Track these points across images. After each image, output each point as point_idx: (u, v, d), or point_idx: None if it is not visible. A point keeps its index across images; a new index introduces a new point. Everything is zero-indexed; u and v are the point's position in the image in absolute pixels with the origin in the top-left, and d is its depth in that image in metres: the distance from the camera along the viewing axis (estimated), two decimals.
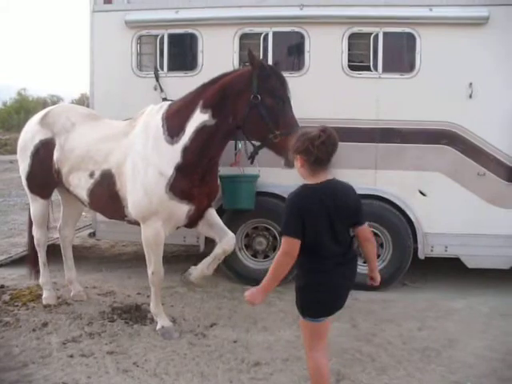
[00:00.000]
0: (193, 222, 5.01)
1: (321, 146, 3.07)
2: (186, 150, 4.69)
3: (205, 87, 4.74)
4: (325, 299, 3.27)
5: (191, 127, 4.68)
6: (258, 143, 4.69)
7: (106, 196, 5.06)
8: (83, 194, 5.23)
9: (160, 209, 4.73)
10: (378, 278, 3.50)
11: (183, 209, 4.77)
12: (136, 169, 4.79)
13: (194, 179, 4.75)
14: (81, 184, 5.21)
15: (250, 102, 4.45)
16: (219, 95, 4.61)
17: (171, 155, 4.71)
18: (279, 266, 3.17)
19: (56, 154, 5.35)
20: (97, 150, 5.11)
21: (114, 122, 5.43)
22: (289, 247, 3.11)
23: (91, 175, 5.11)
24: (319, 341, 3.33)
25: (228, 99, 4.58)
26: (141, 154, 4.79)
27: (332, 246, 3.19)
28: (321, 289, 3.25)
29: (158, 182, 4.69)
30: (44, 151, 5.42)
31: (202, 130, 4.65)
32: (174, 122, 4.77)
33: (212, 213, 5.13)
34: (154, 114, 4.92)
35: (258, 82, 4.45)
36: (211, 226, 5.10)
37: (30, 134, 5.55)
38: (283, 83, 4.54)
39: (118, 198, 4.96)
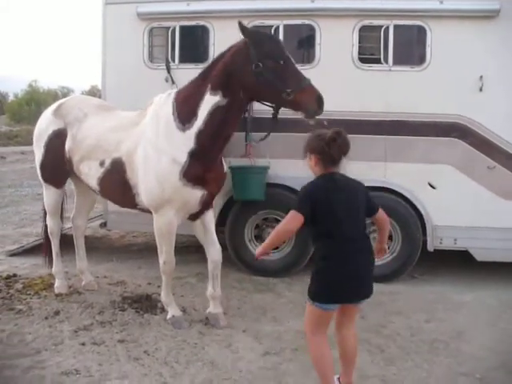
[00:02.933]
0: (199, 212, 5.01)
1: (336, 149, 3.32)
2: (200, 134, 4.68)
3: (208, 70, 4.76)
4: (333, 285, 3.33)
5: (204, 110, 4.66)
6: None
7: (116, 184, 5.10)
8: (93, 182, 5.29)
9: (173, 196, 4.73)
10: (386, 249, 3.71)
11: (197, 194, 4.77)
12: (147, 157, 4.80)
13: (206, 163, 4.75)
14: (91, 173, 5.26)
15: (254, 71, 4.45)
16: (224, 74, 4.60)
17: (184, 142, 4.70)
18: (276, 235, 3.39)
19: (68, 144, 5.42)
20: (107, 139, 5.15)
21: (124, 112, 5.46)
22: (290, 220, 3.30)
23: (101, 164, 5.15)
24: (323, 326, 3.44)
25: (233, 76, 4.57)
26: (152, 143, 4.80)
27: (345, 233, 3.31)
28: (330, 274, 3.34)
29: (171, 169, 4.68)
30: (56, 141, 5.50)
31: (215, 112, 4.64)
32: (184, 109, 4.77)
33: (211, 216, 5.17)
34: (162, 103, 4.93)
35: (254, 50, 4.47)
36: (205, 232, 5.14)
37: (44, 125, 5.65)
38: (278, 44, 4.62)
39: (128, 186, 4.99)
